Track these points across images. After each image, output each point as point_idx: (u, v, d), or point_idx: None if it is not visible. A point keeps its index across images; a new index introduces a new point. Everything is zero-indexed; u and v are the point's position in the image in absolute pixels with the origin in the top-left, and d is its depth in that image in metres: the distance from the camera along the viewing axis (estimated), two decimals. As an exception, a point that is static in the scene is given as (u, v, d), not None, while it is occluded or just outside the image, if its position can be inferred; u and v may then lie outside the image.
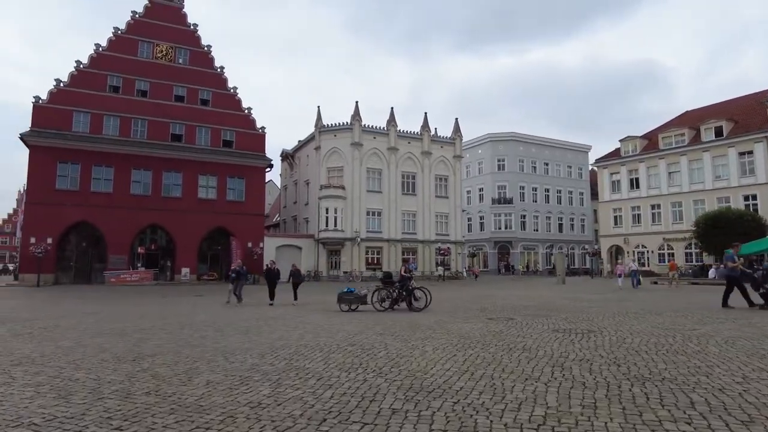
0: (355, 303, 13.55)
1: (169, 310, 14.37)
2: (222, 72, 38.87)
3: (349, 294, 13.70)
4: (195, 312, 13.54)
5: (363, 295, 13.65)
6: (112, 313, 13.41)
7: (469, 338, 8.06)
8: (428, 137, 43.65)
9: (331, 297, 19.98)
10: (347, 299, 13.56)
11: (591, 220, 64.33)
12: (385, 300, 13.51)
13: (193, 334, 8.97)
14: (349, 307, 13.46)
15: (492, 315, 12.03)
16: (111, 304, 17.29)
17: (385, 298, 13.54)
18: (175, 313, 13.39)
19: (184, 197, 35.85)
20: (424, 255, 42.30)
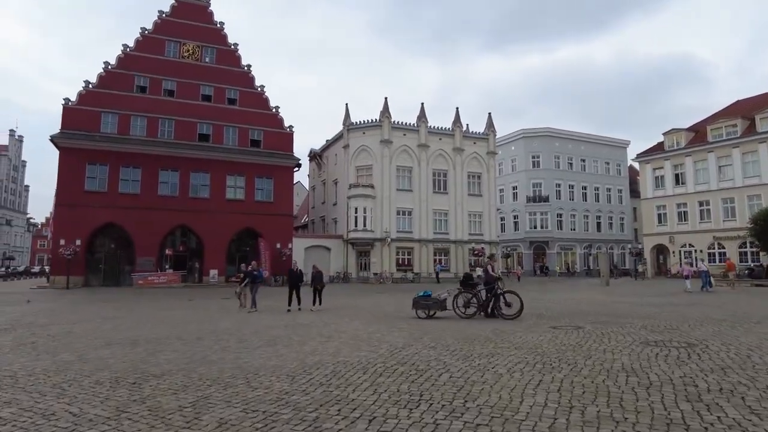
0: (434, 309, 11.89)
1: (193, 315, 13.31)
2: (249, 70, 38.17)
3: (427, 298, 12.07)
4: (219, 317, 12.42)
5: (443, 299, 12.02)
6: (132, 318, 12.43)
7: (544, 354, 6.55)
8: (460, 133, 41.93)
9: (363, 300, 18.77)
10: (425, 304, 11.95)
11: (630, 219, 61.26)
12: (469, 305, 11.80)
13: (213, 345, 7.75)
14: (428, 313, 11.87)
15: (554, 322, 10.43)
16: (134, 307, 16.43)
17: (469, 303, 11.83)
18: (198, 318, 12.30)
19: (211, 198, 35.23)
20: (456, 256, 40.57)
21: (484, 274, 12.38)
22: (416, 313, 12.00)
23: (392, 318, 11.84)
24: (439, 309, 11.87)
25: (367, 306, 15.87)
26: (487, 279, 12.05)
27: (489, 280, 11.96)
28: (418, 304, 12.03)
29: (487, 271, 12.38)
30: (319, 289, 14.91)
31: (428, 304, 11.89)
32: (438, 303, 11.88)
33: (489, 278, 11.98)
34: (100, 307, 16.69)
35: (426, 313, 11.88)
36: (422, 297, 12.14)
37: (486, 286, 11.96)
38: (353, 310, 14.48)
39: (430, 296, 12.12)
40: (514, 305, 11.42)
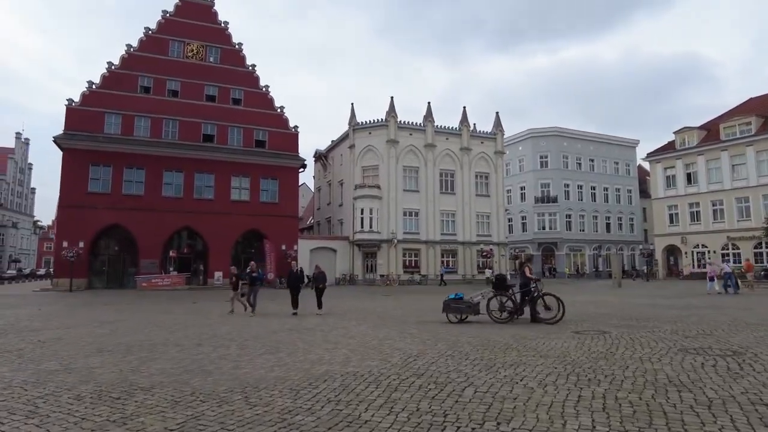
0: (467, 312, 11.02)
1: (194, 318, 12.77)
2: (253, 70, 37.76)
3: (459, 301, 11.19)
4: (221, 321, 11.86)
5: (476, 302, 11.17)
6: (131, 322, 11.91)
7: (575, 363, 5.92)
8: (467, 132, 41.28)
9: (369, 303, 18.15)
10: (457, 307, 11.09)
11: (640, 219, 60.34)
12: (505, 309, 10.99)
13: (211, 353, 7.18)
14: (460, 317, 11.09)
15: (576, 327, 9.78)
16: (135, 310, 15.94)
17: (504, 306, 11.03)
18: (199, 322, 11.76)
19: (216, 199, 34.80)
20: (464, 257, 39.88)
21: (520, 275, 11.53)
22: (447, 317, 11.17)
23: (402, 322, 11.22)
24: (472, 313, 11.01)
25: (374, 309, 15.28)
26: (523, 281, 11.28)
27: (526, 282, 11.20)
28: (449, 308, 11.17)
29: (523, 272, 11.47)
30: (321, 290, 14.17)
31: (461, 307, 11.03)
32: (471, 306, 11.01)
33: (526, 280, 11.20)
34: (100, 310, 16.21)
35: (458, 317, 11.08)
36: (454, 300, 11.25)
37: (522, 289, 11.19)
38: (360, 313, 13.89)
39: (462, 299, 11.20)
40: (554, 309, 10.61)
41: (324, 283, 14.44)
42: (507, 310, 10.94)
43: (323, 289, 14.26)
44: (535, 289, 11.06)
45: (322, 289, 14.23)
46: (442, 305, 11.44)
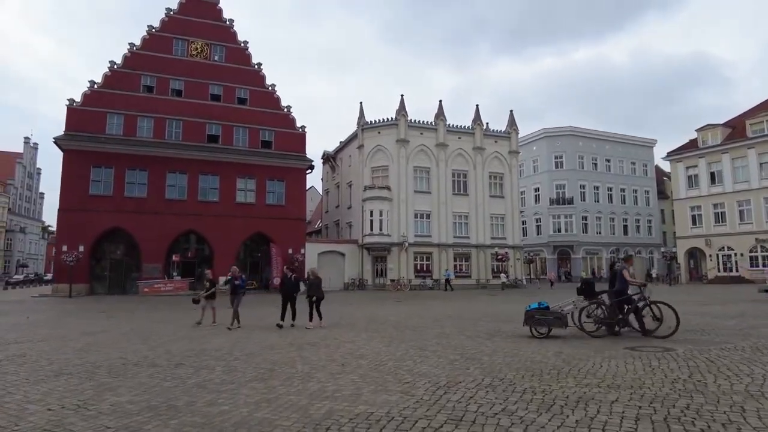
0: (555, 325, 9.08)
1: (187, 328, 11.47)
2: (260, 69, 36.65)
3: (545, 311, 9.32)
4: (215, 333, 10.54)
5: (565, 313, 9.42)
6: (116, 333, 10.65)
7: (662, 399, 4.48)
8: (480, 131, 39.75)
9: (381, 310, 16.70)
10: (543, 320, 9.16)
11: (658, 221, 58.34)
12: (599, 320, 9.21)
13: (190, 377, 5.82)
14: (548, 331, 9.17)
15: (627, 342, 8.30)
16: (128, 318, 14.71)
17: (596, 316, 9.26)
18: (192, 333, 10.46)
19: (221, 201, 33.63)
20: (478, 261, 38.28)
21: (619, 280, 9.44)
22: (531, 331, 9.29)
23: (419, 334, 9.80)
24: (561, 326, 9.07)
25: (386, 317, 13.86)
26: (621, 286, 9.33)
27: (623, 288, 9.29)
28: (533, 320, 9.23)
29: (622, 275, 9.44)
30: (316, 301, 11.82)
31: (548, 319, 9.13)
32: (559, 318, 9.09)
33: (624, 285, 9.30)
34: (92, 318, 14.99)
35: (547, 330, 9.14)
36: (538, 310, 9.36)
37: (620, 296, 9.27)
38: (371, 322, 12.48)
39: (548, 308, 9.39)
40: (665, 320, 8.81)
41: (319, 293, 11.95)
42: (601, 322, 9.18)
43: (319, 300, 11.91)
44: (641, 297, 9.20)
45: (317, 300, 11.89)
46: (524, 317, 9.46)
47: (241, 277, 12.74)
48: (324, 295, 12.11)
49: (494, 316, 13.97)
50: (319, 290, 11.98)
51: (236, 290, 12.25)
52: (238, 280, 12.50)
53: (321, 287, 12.18)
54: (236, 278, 12.47)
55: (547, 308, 9.37)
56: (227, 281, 12.59)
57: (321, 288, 12.16)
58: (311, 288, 11.93)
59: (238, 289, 12.32)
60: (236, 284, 12.38)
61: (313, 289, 11.89)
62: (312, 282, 12.08)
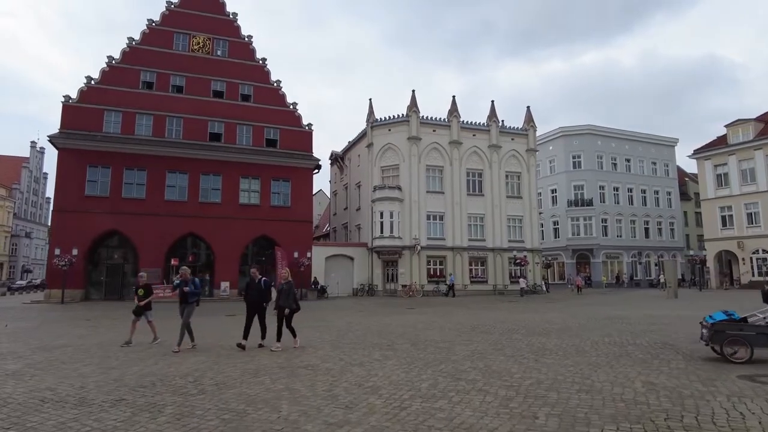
0: (759, 344, 6.61)
1: (166, 344, 9.63)
2: (264, 64, 35.05)
3: (738, 324, 6.84)
4: (193, 351, 8.68)
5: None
6: (81, 348, 8.91)
7: None
8: (496, 128, 37.73)
9: (394, 320, 14.62)
10: (743, 337, 6.69)
11: (681, 224, 55.74)
12: None
13: (116, 428, 3.92)
14: (749, 353, 6.66)
15: (739, 368, 6.28)
16: (111, 328, 13.05)
17: None
18: (164, 350, 8.61)
19: (223, 203, 31.97)
20: (495, 265, 36.14)
21: None
22: (721, 351, 6.78)
23: (446, 354, 7.86)
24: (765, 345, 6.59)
25: (401, 328, 11.91)
26: None
27: None
28: (723, 335, 6.71)
29: None
30: (288, 315, 9.20)
31: (748, 336, 6.62)
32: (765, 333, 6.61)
33: None
34: (73, 327, 13.31)
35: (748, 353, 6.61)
36: (729, 322, 6.84)
37: None
38: (384, 335, 10.53)
39: (740, 320, 6.94)
40: None
41: (290, 303, 9.17)
42: None
43: (292, 313, 9.24)
44: None
45: (290, 313, 9.22)
46: (707, 332, 6.96)
47: (193, 280, 9.78)
48: (299, 306, 9.42)
49: (527, 327, 11.99)
50: (290, 299, 9.18)
51: (186, 298, 9.51)
52: (188, 287, 9.60)
53: (295, 296, 9.36)
54: (186, 282, 9.63)
55: (738, 320, 6.90)
56: (176, 286, 9.84)
57: (295, 297, 9.34)
58: (281, 296, 9.24)
59: (189, 297, 9.53)
60: (186, 290, 9.54)
61: (284, 297, 9.19)
62: (282, 289, 9.31)
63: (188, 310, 9.43)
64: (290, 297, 9.14)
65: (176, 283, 9.87)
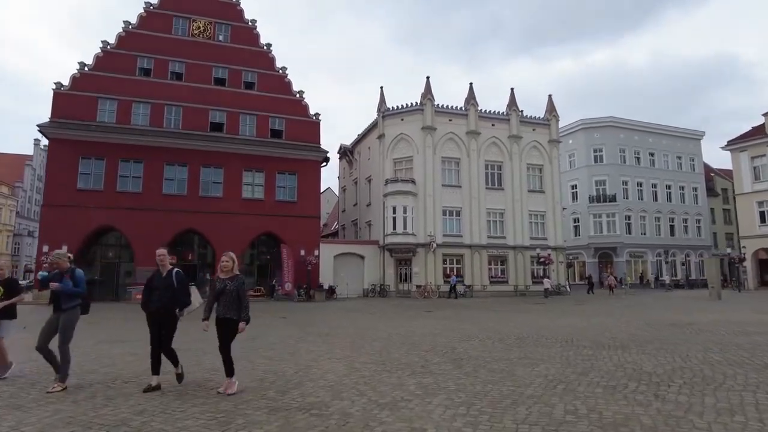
0: None
1: (143, 357, 7.43)
2: (269, 50, 32.94)
3: None
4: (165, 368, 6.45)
5: None
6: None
7: None
8: (517, 117, 35.24)
9: (415, 326, 12.13)
10: None
11: (708, 221, 52.88)
12: None
13: None
14: None
15: None
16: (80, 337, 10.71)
17: None
18: (132, 361, 6.40)
19: (225, 197, 29.89)
20: (516, 264, 33.64)
21: None
22: None
23: (511, 384, 5.53)
24: None
25: (428, 339, 9.61)
26: None
27: None
28: None
29: None
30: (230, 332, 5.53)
31: None
32: None
33: None
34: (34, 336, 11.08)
35: None
36: None
37: None
38: (411, 350, 8.22)
39: None
40: None
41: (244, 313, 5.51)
42: None
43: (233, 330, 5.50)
44: None
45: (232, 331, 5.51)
46: None
47: (72, 272, 5.84)
48: (248, 316, 5.53)
49: (587, 336, 9.67)
50: (240, 307, 5.45)
51: (59, 303, 5.73)
52: (62, 281, 5.71)
53: (245, 297, 5.52)
54: (61, 274, 5.81)
55: None
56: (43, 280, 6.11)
57: (246, 299, 5.52)
58: (223, 301, 5.47)
59: (62, 301, 5.71)
60: (55, 288, 5.68)
61: (229, 303, 5.44)
62: (225, 289, 5.48)
63: (65, 321, 5.67)
64: (240, 302, 5.43)
65: (43, 276, 6.74)
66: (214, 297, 5.55)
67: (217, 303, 5.52)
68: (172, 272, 5.87)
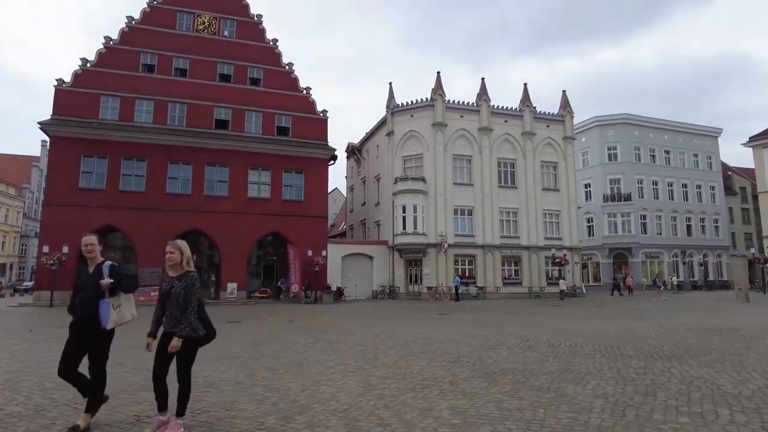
0: None
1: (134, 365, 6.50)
2: (275, 45, 32.14)
3: None
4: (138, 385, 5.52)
5: None
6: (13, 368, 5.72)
7: None
8: (530, 114, 34.12)
9: (433, 330, 11.16)
10: None
11: (726, 220, 51.35)
12: None
13: None
14: None
15: None
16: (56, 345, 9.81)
17: None
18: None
19: (230, 196, 29.08)
20: (530, 265, 32.51)
21: None
22: None
23: (567, 411, 4.55)
24: None
25: (451, 347, 8.61)
26: None
27: None
28: None
29: None
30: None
31: None
32: None
33: None
34: (22, 341, 10.25)
35: None
36: None
37: None
38: (434, 360, 7.22)
39: None
40: None
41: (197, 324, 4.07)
42: None
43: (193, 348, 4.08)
44: None
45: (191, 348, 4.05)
46: None
47: None
48: (213, 331, 4.28)
49: (628, 343, 8.63)
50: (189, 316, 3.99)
51: None
52: None
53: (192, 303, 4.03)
54: None
55: None
56: None
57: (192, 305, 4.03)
58: (168, 307, 4.10)
59: None
60: None
61: (176, 310, 4.02)
62: (172, 290, 4.10)
63: None
64: (189, 310, 3.99)
65: None
66: (161, 302, 4.13)
67: (164, 311, 4.09)
68: (102, 267, 4.31)
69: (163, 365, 4.00)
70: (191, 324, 3.99)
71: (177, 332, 3.93)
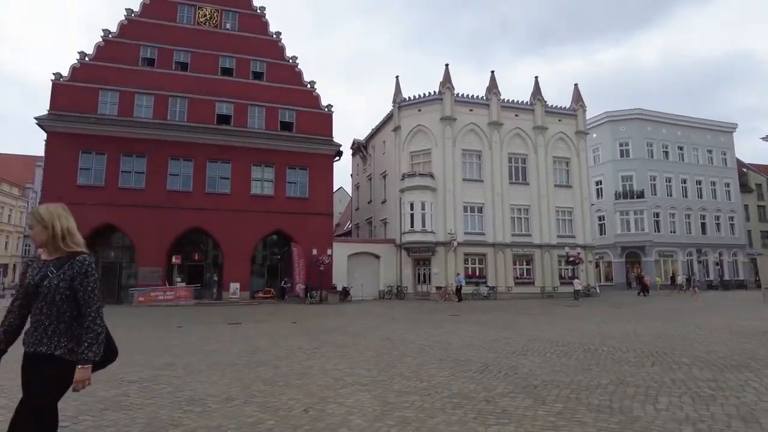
0: None
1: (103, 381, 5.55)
2: (279, 38, 31.25)
3: None
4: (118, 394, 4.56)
5: None
6: None
7: None
8: (542, 107, 33.02)
9: (447, 333, 10.10)
10: None
11: (742, 218, 50.02)
12: None
13: None
14: None
15: None
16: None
17: None
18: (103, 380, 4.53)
19: (233, 194, 28.23)
20: (543, 264, 31.40)
21: None
22: None
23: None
24: None
25: (473, 353, 7.63)
26: None
27: None
28: None
29: None
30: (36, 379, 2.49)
31: None
32: None
33: None
34: None
35: None
36: None
37: None
38: (459, 371, 6.24)
39: None
40: None
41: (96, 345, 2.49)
42: None
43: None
44: None
45: None
46: None
47: None
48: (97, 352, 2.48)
49: (666, 346, 7.63)
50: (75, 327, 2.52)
51: None
52: None
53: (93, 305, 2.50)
54: None
55: None
56: None
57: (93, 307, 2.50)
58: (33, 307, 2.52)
59: None
60: None
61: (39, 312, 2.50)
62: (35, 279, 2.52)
63: None
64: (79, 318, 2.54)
65: None
66: (17, 304, 2.57)
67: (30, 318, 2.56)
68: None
69: (33, 400, 2.46)
70: (98, 338, 2.48)
71: (80, 355, 2.44)
